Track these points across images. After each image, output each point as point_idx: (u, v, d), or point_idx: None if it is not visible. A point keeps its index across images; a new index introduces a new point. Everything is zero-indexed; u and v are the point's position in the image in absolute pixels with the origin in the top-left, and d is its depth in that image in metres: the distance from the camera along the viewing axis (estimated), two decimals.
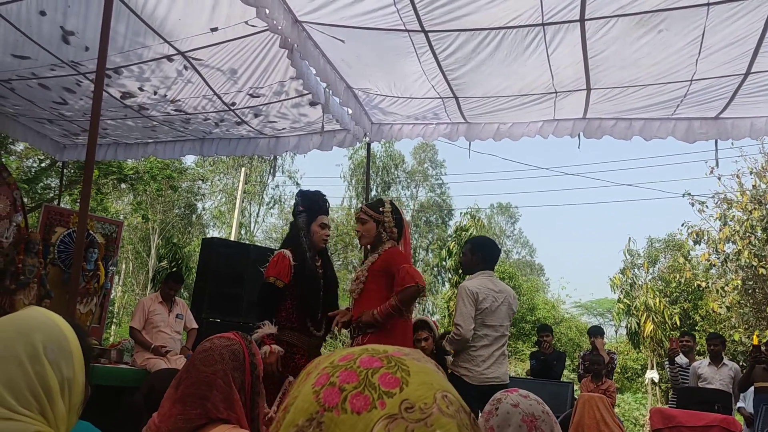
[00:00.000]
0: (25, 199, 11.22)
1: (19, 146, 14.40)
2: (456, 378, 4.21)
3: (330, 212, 4.24)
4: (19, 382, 1.13)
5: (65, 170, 9.01)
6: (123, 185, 15.74)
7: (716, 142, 5.26)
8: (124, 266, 25.45)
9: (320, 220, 4.03)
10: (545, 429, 1.35)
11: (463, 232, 18.43)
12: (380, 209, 3.97)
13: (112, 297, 11.57)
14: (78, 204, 3.70)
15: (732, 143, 5.41)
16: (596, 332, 7.86)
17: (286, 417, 0.68)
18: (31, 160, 15.42)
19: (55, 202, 10.19)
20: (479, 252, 4.52)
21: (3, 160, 12.09)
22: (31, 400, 1.13)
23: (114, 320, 23.21)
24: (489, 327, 4.29)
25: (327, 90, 5.05)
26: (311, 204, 4.06)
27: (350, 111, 5.59)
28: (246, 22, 4.52)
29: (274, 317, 3.79)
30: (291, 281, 3.83)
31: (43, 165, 14.81)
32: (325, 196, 4.20)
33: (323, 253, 4.13)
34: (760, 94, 4.74)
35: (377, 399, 0.64)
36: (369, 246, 4.01)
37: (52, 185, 14.71)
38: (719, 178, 14.28)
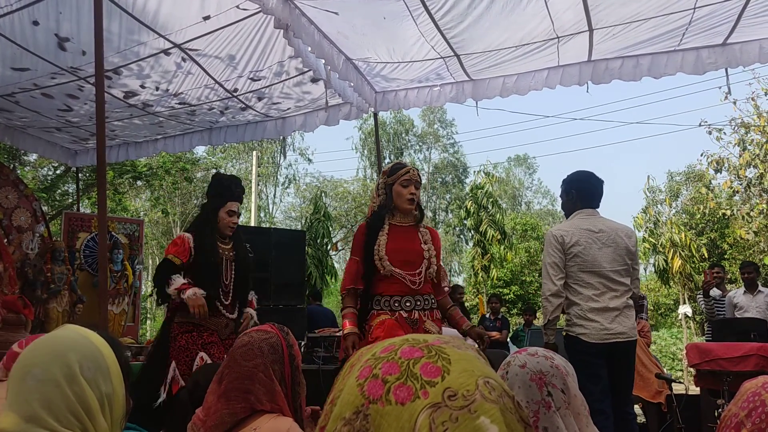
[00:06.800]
0: (45, 208, 11.33)
1: (32, 156, 14.50)
2: (572, 339, 3.67)
3: (346, 184, 4.20)
4: (58, 404, 1.14)
5: (81, 174, 9.08)
6: (139, 183, 15.84)
7: (726, 70, 5.15)
8: (150, 262, 25.78)
9: (229, 207, 3.90)
10: (556, 382, 1.34)
11: (479, 191, 18.38)
12: None
13: (143, 293, 11.75)
14: (97, 207, 3.72)
15: (743, 67, 5.26)
16: None
17: (333, 410, 0.69)
18: (45, 169, 15.54)
19: (74, 208, 10.29)
20: (573, 190, 3.87)
21: (18, 172, 12.21)
22: (72, 420, 1.15)
23: (148, 316, 23.63)
24: (593, 273, 3.65)
25: (326, 66, 5.01)
26: (222, 189, 3.93)
27: (351, 84, 5.54)
28: (237, 7, 4.48)
29: (168, 284, 3.73)
30: (191, 262, 3.79)
31: (58, 172, 14.92)
32: (240, 182, 4.07)
33: (236, 237, 4.02)
34: (766, 14, 4.61)
35: (420, 389, 0.64)
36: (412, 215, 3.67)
37: (70, 191, 14.81)
38: (734, 103, 14.01)
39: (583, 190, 3.85)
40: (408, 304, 3.50)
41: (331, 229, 17.48)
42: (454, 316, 3.69)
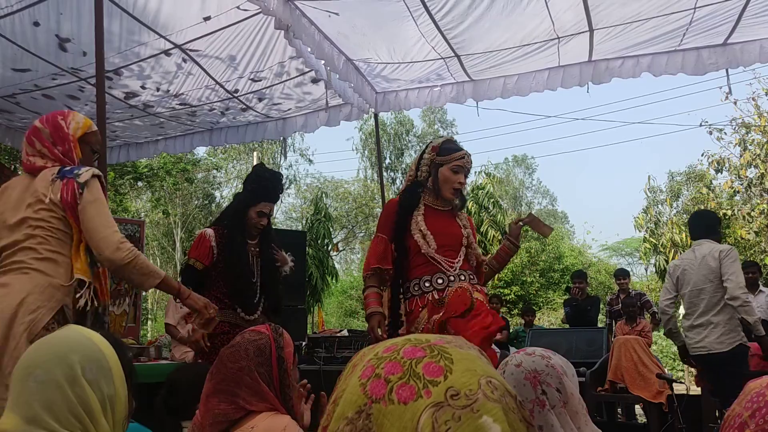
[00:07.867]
0: None
1: None
2: None
3: (347, 185, 4.03)
4: (60, 406, 1.14)
5: None
6: (140, 183, 15.86)
7: (727, 70, 5.15)
8: (151, 262, 25.76)
9: (261, 207, 3.64)
10: (551, 381, 1.34)
11: (480, 191, 18.37)
12: None
13: (144, 294, 11.76)
14: None
15: (744, 67, 5.27)
16: (621, 274, 7.92)
17: (335, 410, 0.69)
18: None
19: None
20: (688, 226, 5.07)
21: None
22: (74, 421, 1.15)
23: (149, 316, 23.63)
24: (688, 293, 4.61)
25: (326, 66, 5.01)
26: (258, 187, 3.65)
27: (352, 84, 5.54)
28: (238, 7, 4.49)
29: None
30: (217, 261, 3.57)
31: None
32: (280, 180, 3.80)
33: (264, 234, 3.76)
34: (766, 14, 4.61)
35: (423, 388, 0.65)
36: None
37: None
38: (735, 103, 13.98)
39: (689, 227, 4.95)
40: (440, 281, 3.19)
41: (331, 229, 17.50)
42: (499, 252, 3.52)
